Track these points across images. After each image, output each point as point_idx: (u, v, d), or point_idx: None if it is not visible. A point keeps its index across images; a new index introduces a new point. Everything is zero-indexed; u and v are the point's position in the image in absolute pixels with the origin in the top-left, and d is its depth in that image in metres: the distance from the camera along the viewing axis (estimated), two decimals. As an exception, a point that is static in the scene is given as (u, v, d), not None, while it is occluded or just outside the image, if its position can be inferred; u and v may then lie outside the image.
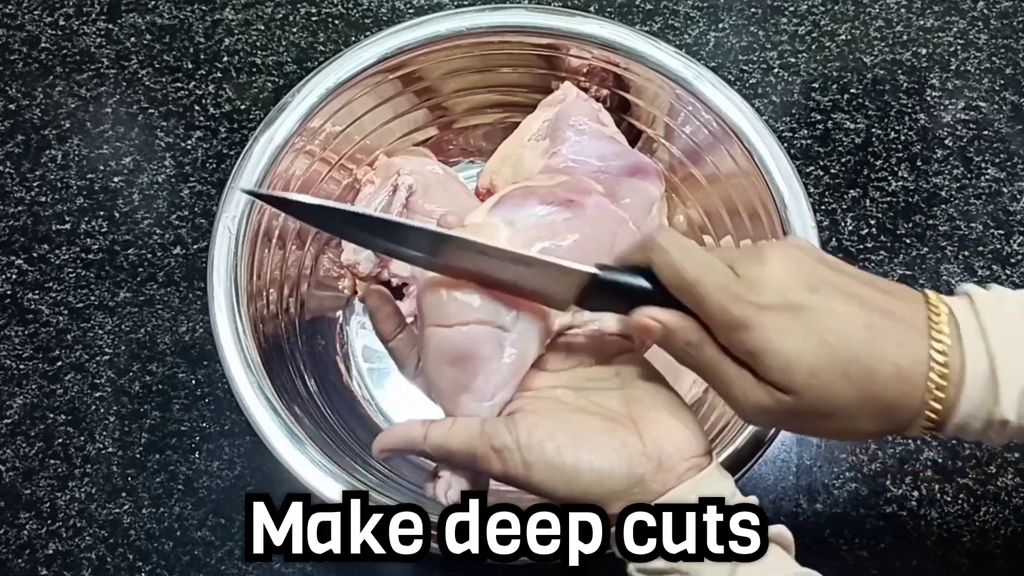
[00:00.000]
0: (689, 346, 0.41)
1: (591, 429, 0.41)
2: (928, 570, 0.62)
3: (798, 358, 0.38)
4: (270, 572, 0.61)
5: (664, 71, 0.63)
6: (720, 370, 0.41)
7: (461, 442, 0.42)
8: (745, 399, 0.40)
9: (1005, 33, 0.78)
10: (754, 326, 0.39)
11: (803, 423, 0.41)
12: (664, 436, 0.41)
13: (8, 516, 0.63)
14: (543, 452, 0.40)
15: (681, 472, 0.40)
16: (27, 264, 0.69)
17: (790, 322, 0.39)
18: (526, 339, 0.44)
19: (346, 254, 0.65)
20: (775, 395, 0.39)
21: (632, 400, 0.43)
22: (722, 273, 0.40)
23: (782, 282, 0.39)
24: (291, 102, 0.61)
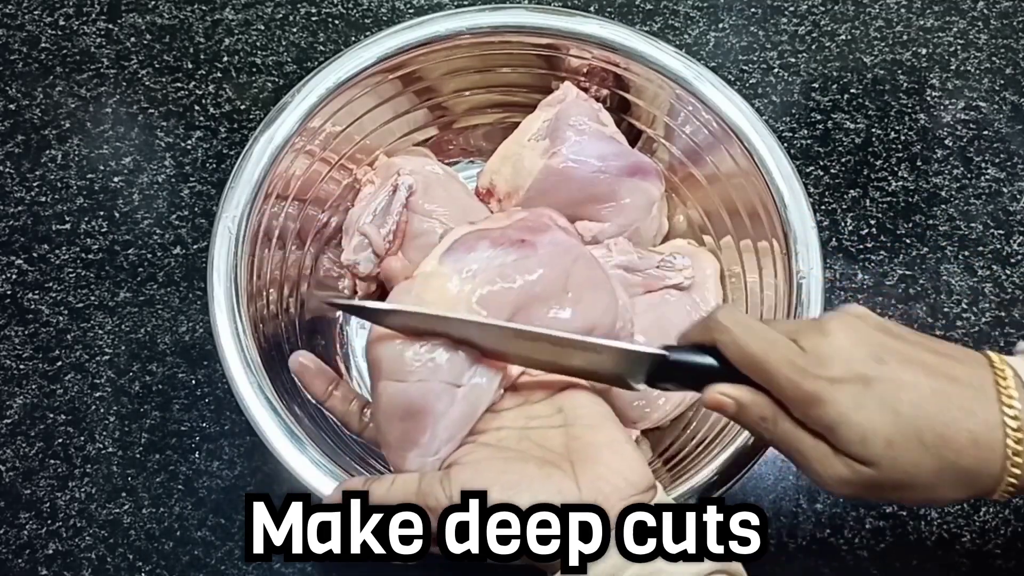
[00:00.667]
0: (764, 420, 0.41)
1: (527, 476, 0.41)
2: (928, 570, 0.62)
3: (874, 430, 0.39)
4: (270, 572, 0.61)
5: (664, 71, 0.63)
6: (796, 444, 0.41)
7: (399, 500, 0.42)
8: (825, 472, 0.40)
9: (1005, 33, 0.78)
10: (828, 401, 0.39)
11: (885, 493, 0.41)
12: (602, 475, 0.41)
13: (8, 516, 0.63)
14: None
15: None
16: (27, 264, 0.69)
17: (863, 394, 0.39)
18: (479, 392, 0.45)
19: (346, 254, 0.65)
20: (854, 467, 0.40)
21: (572, 438, 0.43)
22: (787, 348, 0.40)
23: (848, 354, 0.40)
24: (291, 102, 0.61)
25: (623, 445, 0.43)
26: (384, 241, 0.63)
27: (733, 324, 0.41)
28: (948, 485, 0.40)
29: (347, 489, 0.45)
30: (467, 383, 0.44)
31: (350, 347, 0.67)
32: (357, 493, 0.44)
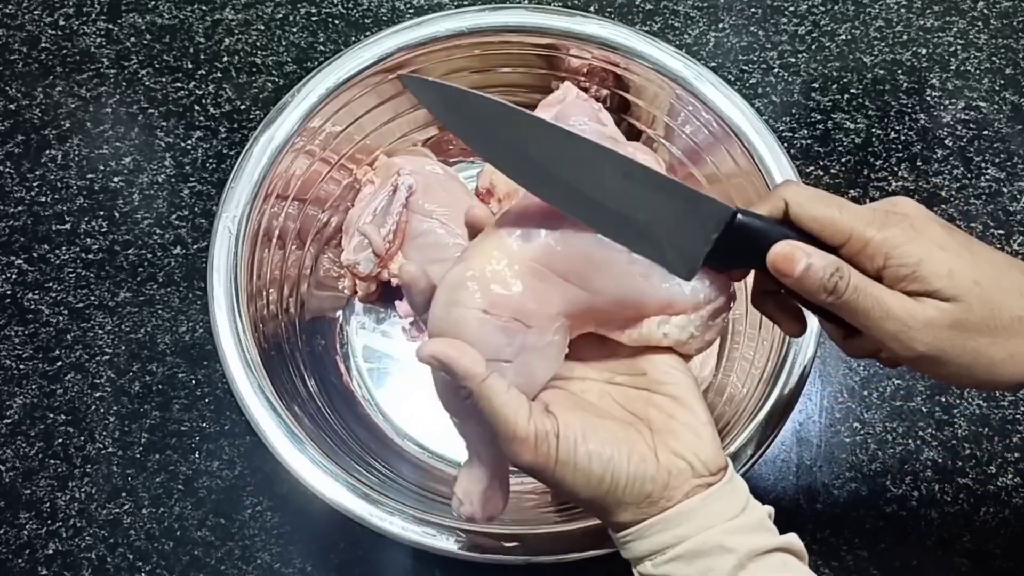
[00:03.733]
0: (838, 271, 0.40)
1: (616, 437, 0.41)
2: (928, 570, 0.62)
3: (959, 264, 0.40)
4: (270, 572, 0.61)
5: (664, 71, 0.63)
6: (875, 290, 0.41)
7: (510, 410, 0.40)
8: (908, 314, 0.40)
9: (1005, 33, 0.78)
10: (915, 239, 0.40)
11: (965, 337, 0.40)
12: (679, 452, 0.41)
13: (8, 516, 0.63)
14: (576, 453, 0.40)
15: (690, 489, 0.41)
16: (27, 264, 0.69)
17: (946, 237, 0.41)
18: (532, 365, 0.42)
19: (346, 254, 0.65)
20: (940, 305, 0.40)
21: (655, 406, 0.43)
22: (863, 208, 0.42)
23: (925, 215, 0.42)
24: (291, 102, 0.61)
25: (702, 426, 0.42)
26: (384, 241, 0.63)
27: (803, 189, 0.42)
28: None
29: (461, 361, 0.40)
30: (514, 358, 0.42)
31: (350, 347, 0.67)
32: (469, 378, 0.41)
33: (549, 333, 0.42)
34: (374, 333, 0.67)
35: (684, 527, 0.40)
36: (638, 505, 0.40)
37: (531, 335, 0.42)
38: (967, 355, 0.41)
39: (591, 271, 0.43)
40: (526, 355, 0.42)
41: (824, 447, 0.65)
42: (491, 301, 0.41)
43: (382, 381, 0.66)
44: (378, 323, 0.68)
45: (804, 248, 0.41)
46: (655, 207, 0.42)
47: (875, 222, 0.41)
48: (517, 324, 0.41)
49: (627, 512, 0.41)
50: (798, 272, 0.41)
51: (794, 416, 0.62)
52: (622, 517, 0.41)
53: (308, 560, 0.61)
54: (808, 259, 0.40)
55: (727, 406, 0.59)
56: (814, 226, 0.41)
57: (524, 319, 0.42)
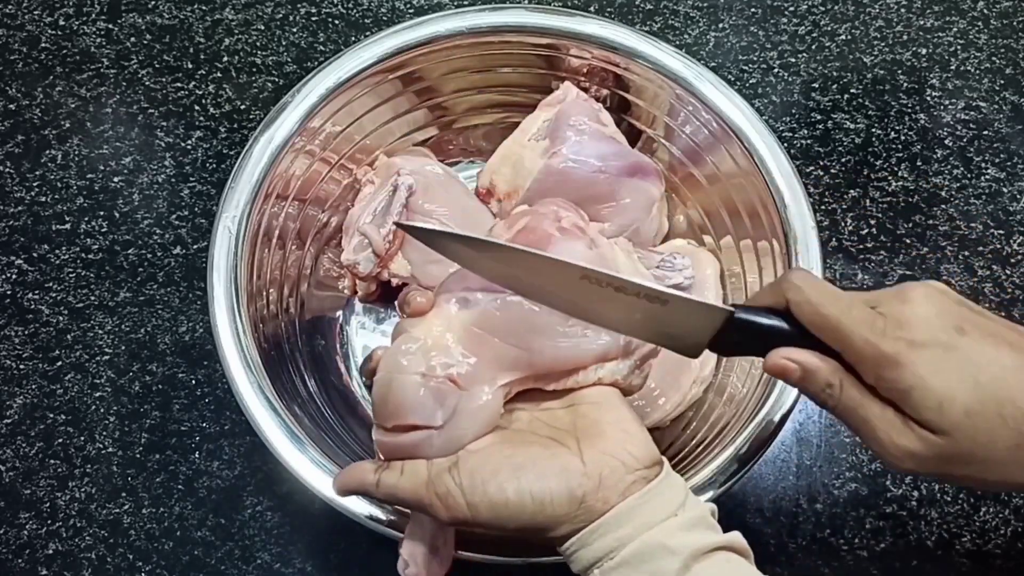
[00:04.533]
0: (830, 387, 0.41)
1: (532, 457, 0.41)
2: (928, 570, 0.62)
3: (952, 397, 0.38)
4: (270, 572, 0.61)
5: (664, 71, 0.63)
6: (864, 411, 0.40)
7: (409, 490, 0.43)
8: (891, 442, 0.39)
9: (1005, 33, 0.78)
10: (907, 363, 0.38)
11: (953, 468, 0.39)
12: (608, 450, 0.41)
13: (8, 516, 0.63)
14: (486, 492, 0.41)
15: (625, 487, 0.41)
16: (27, 264, 0.69)
17: (943, 360, 0.38)
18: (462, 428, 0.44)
19: (346, 254, 0.65)
20: (925, 437, 0.39)
21: (579, 416, 0.44)
22: (865, 311, 0.40)
23: (930, 321, 0.39)
24: (291, 102, 0.61)
25: (629, 422, 0.43)
26: (384, 241, 0.63)
27: (808, 285, 0.40)
28: (1021, 463, 0.39)
29: (357, 481, 0.45)
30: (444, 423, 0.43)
31: (350, 347, 0.67)
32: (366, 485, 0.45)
33: (484, 395, 0.44)
34: (374, 333, 0.68)
35: (625, 527, 0.40)
36: (574, 514, 0.40)
37: (465, 397, 0.43)
38: (955, 480, 0.41)
39: (530, 334, 0.44)
40: (457, 418, 0.43)
41: (824, 447, 0.65)
42: (428, 366, 0.43)
43: (382, 381, 0.66)
44: (378, 323, 0.68)
45: (798, 358, 0.41)
46: (657, 313, 0.43)
47: (871, 336, 0.39)
48: (450, 387, 0.43)
49: (564, 525, 0.41)
50: (794, 381, 0.41)
51: (794, 416, 0.62)
52: (561, 531, 0.41)
53: (308, 560, 0.61)
54: (799, 374, 0.41)
55: (727, 406, 0.59)
56: (813, 330, 0.41)
57: (459, 381, 0.43)
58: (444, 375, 0.43)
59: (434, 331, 0.44)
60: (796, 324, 0.41)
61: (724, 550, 0.40)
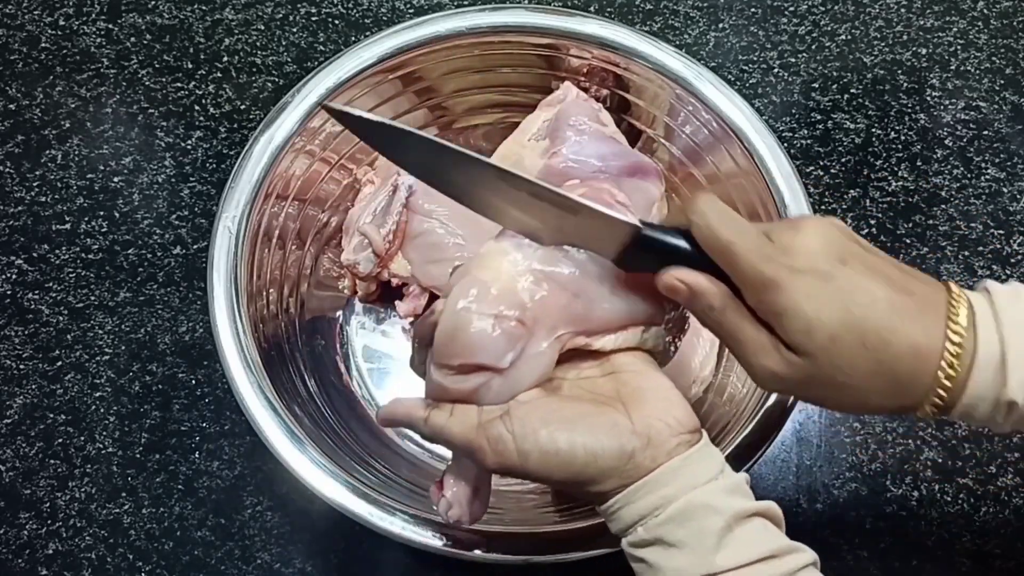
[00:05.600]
0: (711, 309, 0.43)
1: (582, 412, 0.43)
2: (928, 570, 0.62)
3: (820, 322, 0.40)
4: (270, 572, 0.61)
5: (664, 71, 0.63)
6: (739, 332, 0.42)
7: (459, 432, 0.43)
8: (759, 362, 0.42)
9: (1005, 33, 0.78)
10: (784, 287, 0.40)
11: (814, 390, 0.42)
12: (653, 414, 0.42)
13: (8, 516, 0.63)
14: (537, 440, 0.41)
15: (671, 448, 0.42)
16: (27, 264, 0.69)
17: (819, 287, 0.40)
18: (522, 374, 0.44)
19: (346, 254, 0.65)
20: (790, 358, 0.41)
21: (621, 384, 0.45)
22: (756, 237, 0.42)
23: (815, 251, 0.41)
24: (291, 102, 0.61)
25: (669, 390, 0.44)
26: (384, 241, 0.63)
27: (709, 208, 0.42)
28: (877, 391, 0.41)
29: (405, 414, 0.45)
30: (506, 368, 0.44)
31: (350, 347, 0.67)
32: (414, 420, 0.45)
33: (545, 343, 0.44)
34: (374, 333, 0.68)
35: (670, 487, 0.41)
36: (622, 469, 0.41)
37: (531, 342, 0.44)
38: (813, 400, 0.44)
39: (591, 285, 0.45)
40: (520, 363, 0.44)
41: (824, 447, 0.65)
42: (498, 307, 0.43)
43: (382, 381, 0.66)
44: (378, 323, 0.68)
45: (687, 279, 0.43)
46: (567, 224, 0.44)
47: (759, 259, 0.41)
48: (522, 329, 0.43)
49: (612, 479, 0.42)
50: (682, 299, 0.44)
51: (794, 416, 0.62)
52: (608, 486, 0.42)
53: (308, 560, 0.61)
54: (687, 292, 0.43)
55: (727, 406, 0.59)
56: (707, 251, 0.43)
57: (527, 326, 0.43)
58: (514, 318, 0.43)
59: (501, 273, 0.44)
60: (695, 246, 0.43)
61: (761, 516, 0.41)
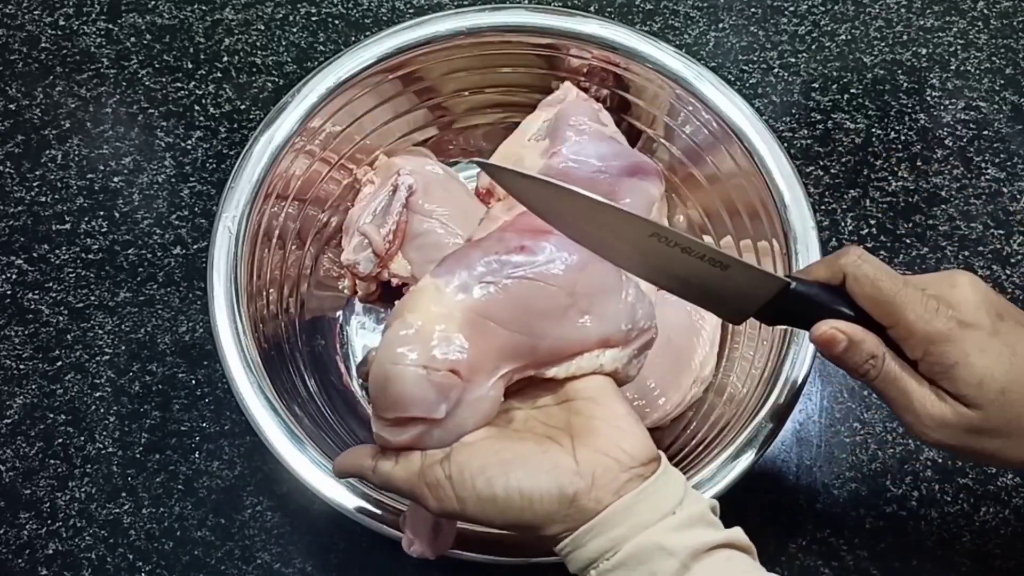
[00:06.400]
0: (874, 359, 0.44)
1: (523, 453, 0.41)
2: (928, 570, 0.62)
3: (992, 375, 0.42)
4: (270, 572, 0.61)
5: (664, 71, 0.63)
6: (902, 382, 0.43)
7: (403, 479, 0.43)
8: (926, 412, 0.43)
9: (1005, 33, 0.78)
10: (956, 339, 0.42)
11: (980, 441, 0.43)
12: (602, 448, 0.41)
13: (8, 516, 0.63)
14: (474, 486, 0.40)
15: (619, 486, 0.40)
16: (27, 264, 0.69)
17: (988, 341, 0.42)
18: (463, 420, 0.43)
19: (346, 254, 0.65)
20: (959, 409, 0.43)
21: (574, 413, 0.43)
22: (918, 291, 0.43)
23: (977, 305, 0.43)
24: (291, 102, 0.61)
25: (623, 419, 0.42)
26: (384, 241, 0.63)
27: (867, 261, 0.43)
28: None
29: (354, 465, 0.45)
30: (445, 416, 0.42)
31: (350, 347, 0.67)
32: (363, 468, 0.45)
33: (485, 387, 0.43)
34: (374, 333, 0.67)
35: (620, 527, 0.39)
36: (565, 513, 0.40)
37: (467, 390, 0.42)
38: (978, 455, 0.44)
39: (534, 318, 0.43)
40: (458, 411, 0.42)
41: (824, 447, 0.65)
42: (429, 357, 0.41)
43: (382, 381, 0.66)
44: (378, 323, 0.68)
45: (845, 330, 0.44)
46: (715, 277, 0.44)
47: (925, 313, 0.42)
48: (453, 379, 0.41)
49: (556, 524, 0.40)
50: (838, 352, 0.44)
51: (794, 416, 0.62)
52: (552, 530, 0.40)
53: (308, 560, 0.61)
54: (845, 344, 0.44)
55: (727, 406, 0.59)
56: (866, 305, 0.43)
57: (462, 373, 0.42)
58: (446, 367, 0.41)
59: (433, 316, 0.42)
60: (846, 301, 0.44)
61: (725, 547, 0.40)
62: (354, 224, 0.65)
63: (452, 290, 0.43)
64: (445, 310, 0.42)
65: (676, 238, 0.43)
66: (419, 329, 0.42)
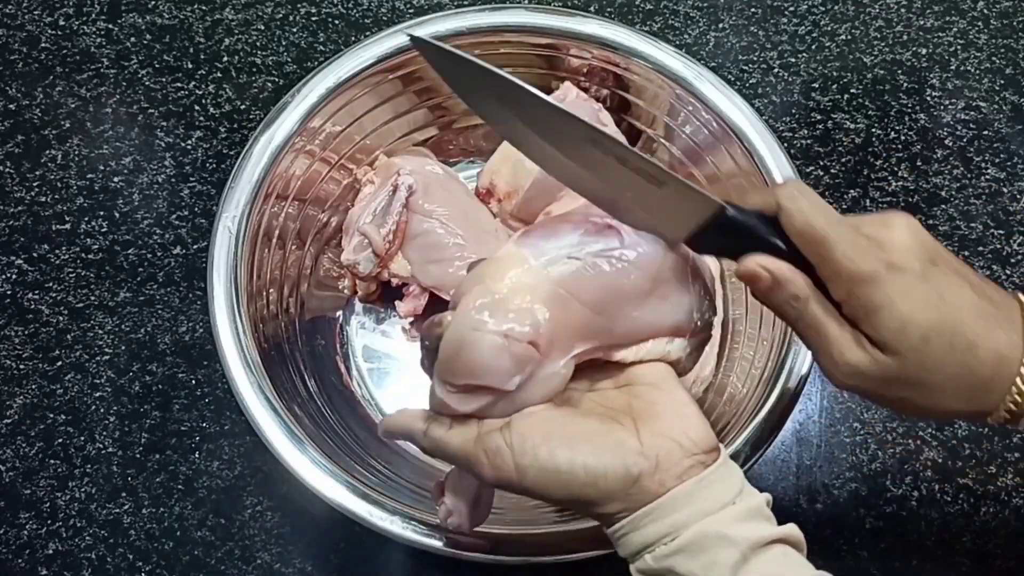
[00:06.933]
0: (795, 299, 0.41)
1: (588, 430, 0.41)
2: (928, 570, 0.62)
3: (914, 321, 0.40)
4: (270, 572, 0.61)
5: (664, 71, 0.63)
6: (823, 325, 0.41)
7: (457, 444, 0.42)
8: (842, 358, 0.41)
9: (1005, 33, 0.78)
10: (882, 282, 0.40)
11: (895, 389, 0.41)
12: (665, 432, 0.40)
13: (8, 516, 0.63)
14: (537, 456, 0.40)
15: (682, 471, 0.40)
16: (27, 264, 0.69)
17: (914, 286, 0.40)
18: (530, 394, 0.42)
19: (346, 254, 0.65)
20: (877, 356, 0.40)
21: (635, 396, 0.43)
22: (849, 229, 0.41)
23: (908, 247, 0.41)
24: (291, 102, 0.61)
25: (686, 405, 0.42)
26: (384, 241, 0.63)
27: (802, 194, 0.41)
28: (956, 395, 0.41)
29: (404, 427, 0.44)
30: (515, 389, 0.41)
31: (350, 347, 0.67)
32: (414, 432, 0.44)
33: (558, 364, 0.42)
34: (374, 333, 0.68)
35: (680, 513, 0.39)
36: (627, 492, 0.39)
37: (542, 364, 0.41)
38: (889, 402, 0.43)
39: (617, 299, 0.43)
40: (528, 385, 0.41)
41: (824, 447, 0.65)
42: (509, 326, 0.40)
43: (382, 381, 0.66)
44: (378, 323, 0.68)
45: (770, 266, 0.41)
46: (649, 194, 0.42)
47: (853, 252, 0.40)
48: (532, 351, 0.41)
49: (616, 502, 0.40)
50: (762, 287, 0.42)
51: (794, 416, 0.62)
52: (611, 508, 0.40)
53: (308, 560, 0.61)
54: (769, 281, 0.42)
55: (727, 406, 0.59)
56: (797, 241, 0.41)
57: (541, 347, 0.41)
58: (527, 339, 0.40)
59: (518, 286, 0.41)
60: (778, 233, 0.42)
61: (781, 543, 0.40)
62: (354, 224, 0.65)
63: (541, 262, 0.42)
64: (532, 281, 0.41)
65: (613, 147, 0.41)
66: (503, 297, 0.41)
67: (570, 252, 0.42)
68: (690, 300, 0.45)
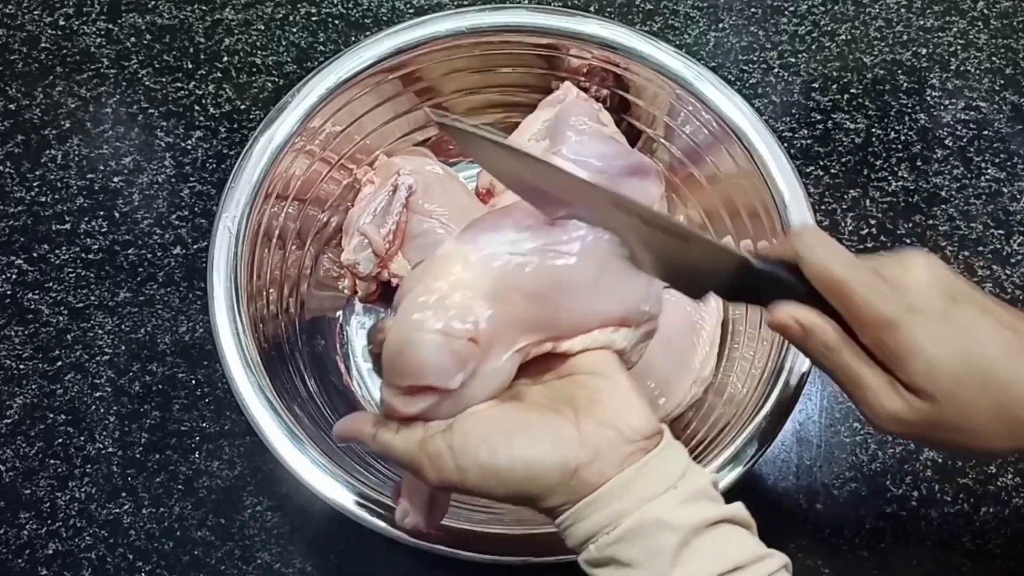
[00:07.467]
0: (827, 348, 0.41)
1: (527, 423, 0.40)
2: (928, 570, 0.62)
3: (943, 364, 0.39)
4: (270, 572, 0.61)
5: (664, 71, 0.63)
6: (857, 374, 0.41)
7: (402, 449, 0.42)
8: (880, 405, 0.41)
9: (1005, 33, 0.78)
10: (904, 326, 0.39)
11: (935, 433, 0.41)
12: (605, 420, 0.40)
13: (8, 516, 0.63)
14: (477, 456, 0.40)
15: (622, 459, 0.39)
16: (27, 264, 0.69)
17: (939, 327, 0.40)
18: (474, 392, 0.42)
19: (346, 254, 0.65)
20: (912, 402, 0.40)
21: (579, 386, 0.42)
22: (868, 272, 0.41)
23: (929, 288, 0.41)
24: (291, 102, 0.61)
25: (627, 391, 0.42)
26: (384, 241, 0.63)
27: (819, 242, 0.41)
28: (997, 433, 0.40)
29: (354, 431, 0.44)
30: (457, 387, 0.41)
31: (350, 347, 0.67)
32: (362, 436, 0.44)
33: (501, 359, 0.42)
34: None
35: (621, 502, 0.39)
36: (567, 484, 0.39)
37: (484, 360, 0.41)
38: (938, 444, 0.43)
39: (561, 292, 0.42)
40: (472, 382, 0.41)
41: (824, 447, 0.65)
42: (448, 324, 0.40)
43: (382, 381, 0.66)
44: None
45: (800, 316, 0.42)
46: (675, 250, 0.43)
47: (872, 298, 0.40)
48: (472, 348, 0.40)
49: (557, 495, 0.40)
50: (793, 338, 0.42)
51: (794, 416, 0.62)
52: (553, 502, 0.40)
53: (308, 560, 0.61)
54: (800, 331, 0.42)
55: (727, 406, 0.59)
56: (819, 288, 0.41)
57: (480, 342, 0.41)
58: (466, 336, 0.40)
59: (456, 283, 0.41)
60: (802, 280, 0.42)
61: (726, 523, 0.40)
62: (354, 224, 0.65)
63: (481, 258, 0.42)
64: (472, 277, 0.41)
65: (635, 208, 0.42)
66: (441, 295, 0.41)
67: (512, 247, 0.42)
68: (636, 291, 0.45)
